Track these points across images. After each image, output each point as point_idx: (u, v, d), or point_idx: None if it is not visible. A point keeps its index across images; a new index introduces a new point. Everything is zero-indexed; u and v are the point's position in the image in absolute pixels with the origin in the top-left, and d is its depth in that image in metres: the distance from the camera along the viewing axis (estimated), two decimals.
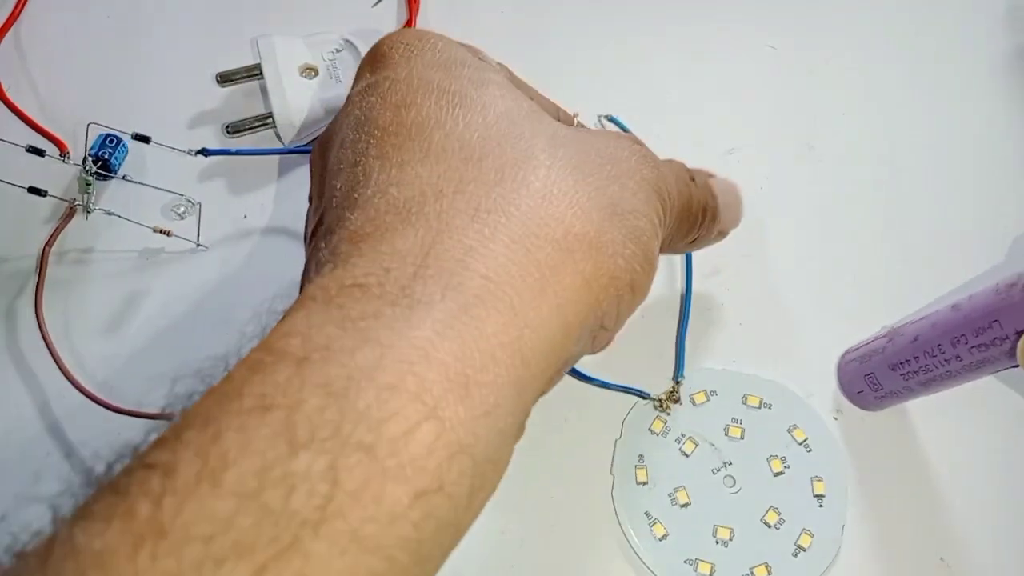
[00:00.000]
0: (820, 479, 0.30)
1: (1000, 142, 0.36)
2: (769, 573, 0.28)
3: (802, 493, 0.30)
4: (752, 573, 0.28)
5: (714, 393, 0.31)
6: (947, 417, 0.31)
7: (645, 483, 0.30)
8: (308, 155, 0.26)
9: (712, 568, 0.28)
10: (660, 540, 0.29)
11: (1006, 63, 0.36)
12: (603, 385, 0.31)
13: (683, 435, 0.31)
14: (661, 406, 0.31)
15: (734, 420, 0.31)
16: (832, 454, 0.30)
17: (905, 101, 0.36)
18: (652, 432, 0.31)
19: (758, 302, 0.33)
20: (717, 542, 0.29)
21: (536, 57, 0.33)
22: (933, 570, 0.29)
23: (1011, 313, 0.23)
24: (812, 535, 0.29)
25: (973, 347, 0.24)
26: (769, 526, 0.29)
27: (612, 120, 0.34)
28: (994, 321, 0.23)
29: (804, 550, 0.29)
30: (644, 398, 0.31)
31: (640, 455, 0.30)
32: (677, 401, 0.31)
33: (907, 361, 0.27)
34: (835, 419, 0.31)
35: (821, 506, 0.29)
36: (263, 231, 0.34)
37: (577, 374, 0.31)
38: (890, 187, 0.35)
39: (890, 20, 0.37)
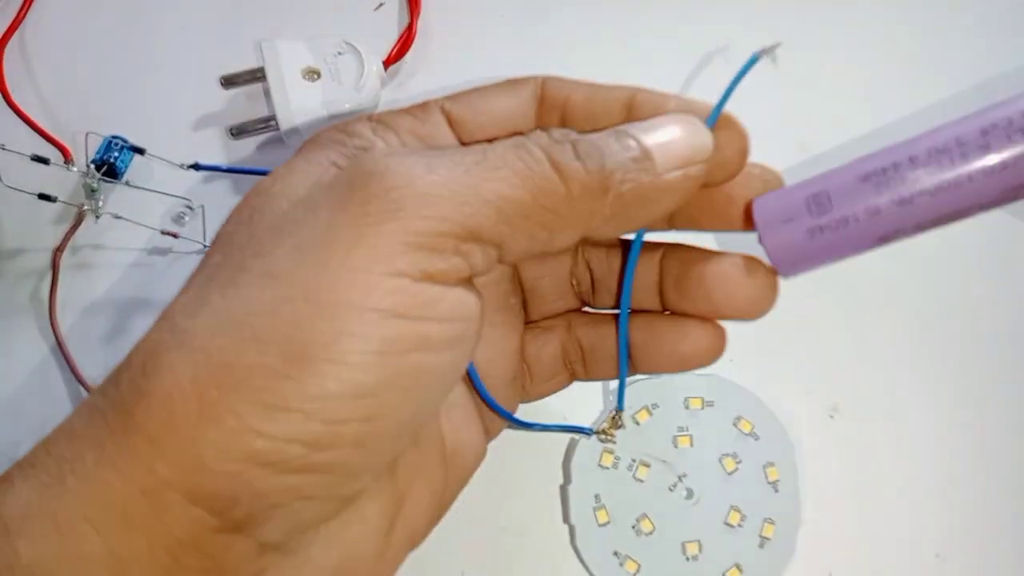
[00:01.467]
0: (772, 464, 0.30)
1: None
2: (741, 572, 0.29)
3: (758, 484, 0.30)
4: None
5: (656, 406, 0.30)
6: (946, 414, 0.31)
7: (607, 523, 0.29)
8: None
9: None
10: None
11: (1004, 63, 0.36)
12: (544, 428, 0.29)
13: (634, 461, 0.29)
14: (606, 436, 0.29)
15: (680, 429, 0.30)
16: (777, 435, 0.30)
17: (902, 102, 0.36)
18: (603, 467, 0.29)
19: None
20: (688, 559, 0.29)
21: (536, 59, 0.33)
22: (931, 565, 0.30)
23: None
24: (774, 523, 0.29)
25: None
26: (733, 526, 0.29)
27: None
28: None
29: (768, 539, 0.29)
30: (587, 434, 0.29)
31: (596, 495, 0.29)
32: (621, 426, 0.29)
33: (895, 166, 0.20)
34: (831, 417, 0.31)
35: (777, 491, 0.30)
36: None
37: (512, 420, 0.28)
38: None
39: (887, 23, 0.37)
